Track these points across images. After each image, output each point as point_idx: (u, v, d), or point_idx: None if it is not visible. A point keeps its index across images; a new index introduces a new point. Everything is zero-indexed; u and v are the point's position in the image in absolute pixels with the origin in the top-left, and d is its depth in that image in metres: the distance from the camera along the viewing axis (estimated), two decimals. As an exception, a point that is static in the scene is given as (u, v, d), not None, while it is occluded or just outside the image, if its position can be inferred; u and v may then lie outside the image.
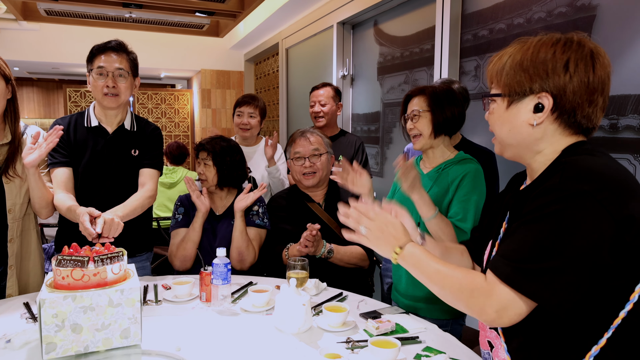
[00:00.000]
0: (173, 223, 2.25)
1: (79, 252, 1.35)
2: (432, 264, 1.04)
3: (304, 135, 2.22)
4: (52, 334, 1.26)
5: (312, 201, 2.21)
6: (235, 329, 1.52)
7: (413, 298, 1.76)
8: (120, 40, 2.01)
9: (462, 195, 1.66)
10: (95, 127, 2.02)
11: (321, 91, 2.85)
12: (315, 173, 2.17)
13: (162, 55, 6.69)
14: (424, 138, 1.72)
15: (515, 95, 1.00)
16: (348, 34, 3.85)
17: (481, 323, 1.15)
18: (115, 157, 2.02)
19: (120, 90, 1.96)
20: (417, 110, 1.72)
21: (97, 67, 1.94)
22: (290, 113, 5.15)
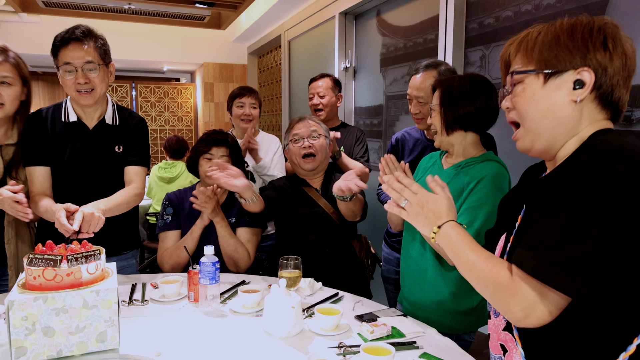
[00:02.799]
0: (161, 224, 2.12)
1: (52, 251, 1.27)
2: (465, 250, 0.99)
3: (302, 119, 2.16)
4: (21, 337, 1.18)
5: (309, 186, 2.12)
6: (221, 332, 1.43)
7: (415, 305, 1.63)
8: (84, 26, 1.80)
9: (474, 200, 1.48)
10: (74, 123, 1.88)
11: (319, 82, 2.75)
12: (314, 156, 2.06)
13: (164, 49, 6.61)
14: (438, 135, 1.59)
15: (554, 69, 0.91)
16: (350, 25, 3.74)
17: (492, 324, 1.05)
18: (97, 154, 1.88)
19: (94, 84, 1.80)
20: (434, 105, 1.58)
21: (64, 64, 1.76)
22: (292, 106, 5.05)
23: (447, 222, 1.06)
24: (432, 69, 1.99)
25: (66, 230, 1.49)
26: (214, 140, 2.11)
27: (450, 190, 1.54)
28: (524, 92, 0.95)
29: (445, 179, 1.58)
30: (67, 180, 1.86)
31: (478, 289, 0.96)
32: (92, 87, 1.80)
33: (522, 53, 0.95)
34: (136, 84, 7.75)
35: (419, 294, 1.60)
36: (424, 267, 1.59)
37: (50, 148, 1.84)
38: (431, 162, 1.73)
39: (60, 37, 1.78)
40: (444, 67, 2.00)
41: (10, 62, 1.78)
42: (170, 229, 2.09)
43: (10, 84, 1.78)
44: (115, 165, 1.92)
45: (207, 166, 2.07)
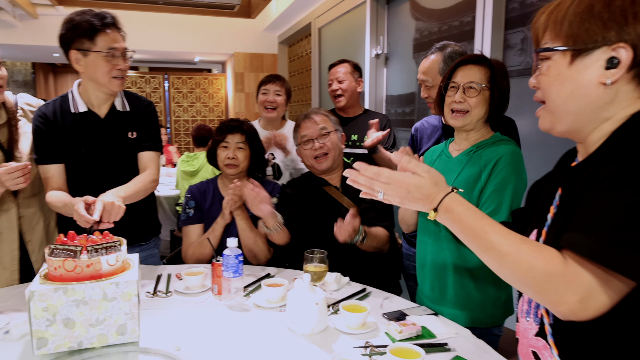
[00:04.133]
0: (184, 218, 2.08)
1: (73, 241, 1.25)
2: (488, 231, 0.84)
3: (308, 117, 2.04)
4: (42, 328, 1.17)
5: (328, 185, 2.04)
6: (243, 327, 1.39)
7: (439, 301, 1.56)
8: (110, 13, 1.78)
9: (496, 183, 1.40)
10: (85, 113, 1.84)
11: (338, 68, 2.65)
12: (327, 154, 1.98)
13: (195, 39, 6.63)
14: (472, 117, 1.46)
15: (583, 46, 0.80)
16: (382, 10, 3.62)
17: (522, 329, 0.96)
18: (112, 142, 1.86)
19: (125, 72, 1.81)
20: (476, 83, 1.45)
21: (110, 49, 1.73)
22: (322, 96, 4.98)
23: (442, 200, 0.91)
24: (438, 51, 1.94)
25: (86, 221, 1.47)
26: (228, 127, 2.06)
27: (465, 176, 1.47)
28: (549, 71, 0.85)
29: (457, 166, 1.51)
30: (83, 173, 1.85)
31: (515, 279, 0.81)
32: (125, 74, 1.81)
33: (551, 27, 0.84)
34: (169, 75, 7.84)
35: (443, 289, 1.52)
36: (443, 256, 1.51)
37: (63, 143, 1.81)
38: (437, 154, 1.63)
39: (97, 21, 1.73)
40: (450, 49, 1.92)
41: None
42: (192, 222, 2.06)
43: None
44: (130, 152, 1.89)
45: (224, 155, 2.03)
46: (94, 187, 1.72)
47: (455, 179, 1.48)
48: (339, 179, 2.05)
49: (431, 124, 2.06)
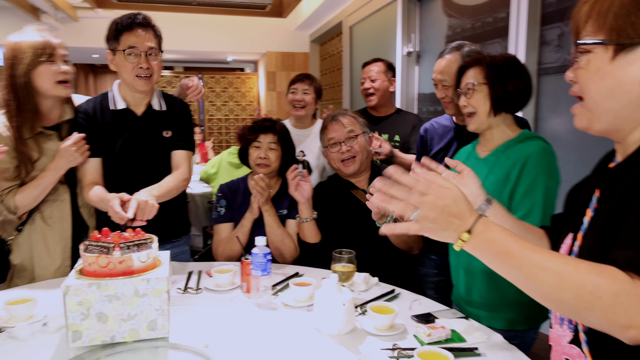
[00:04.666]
0: (215, 216, 2.11)
1: (106, 238, 1.28)
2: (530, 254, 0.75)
3: (335, 119, 2.03)
4: (77, 322, 1.20)
5: (356, 188, 2.02)
6: (271, 326, 1.39)
7: (476, 305, 1.53)
8: (143, 13, 1.83)
9: (527, 184, 1.37)
10: (123, 110, 1.89)
11: (372, 67, 2.64)
12: (354, 157, 1.97)
13: (228, 39, 6.72)
14: (480, 117, 1.47)
15: (628, 41, 0.75)
16: (414, 7, 3.58)
17: (555, 336, 0.92)
18: (147, 140, 1.90)
19: (153, 70, 1.82)
20: (472, 83, 1.47)
21: (129, 47, 1.77)
22: (354, 94, 4.96)
23: (477, 220, 0.81)
24: (455, 51, 1.91)
25: (120, 218, 1.51)
26: (260, 127, 2.07)
27: (494, 177, 1.44)
28: (588, 65, 0.81)
29: (485, 168, 1.48)
30: (118, 169, 1.89)
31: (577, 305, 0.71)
32: (151, 73, 1.82)
33: (594, 18, 0.79)
34: (202, 74, 7.97)
35: (478, 291, 1.49)
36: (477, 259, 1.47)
37: (101, 139, 1.85)
38: (465, 156, 1.60)
39: (124, 21, 1.79)
40: (467, 48, 1.90)
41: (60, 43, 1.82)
42: (223, 221, 2.08)
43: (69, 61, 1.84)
44: (164, 150, 1.93)
45: (255, 155, 2.04)
46: (127, 183, 1.77)
47: (484, 181, 1.45)
48: (366, 182, 2.04)
49: (442, 125, 2.02)
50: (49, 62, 1.75)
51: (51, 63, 1.76)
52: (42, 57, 1.74)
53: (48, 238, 1.84)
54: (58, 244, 1.85)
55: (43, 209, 1.83)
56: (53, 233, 1.84)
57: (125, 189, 1.64)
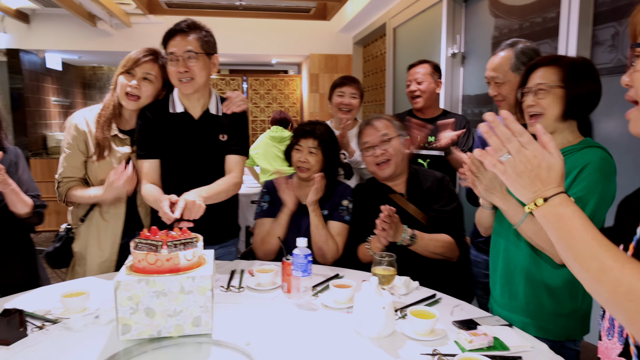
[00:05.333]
0: (258, 210, 2.18)
1: (155, 236, 1.34)
2: (589, 244, 0.75)
3: (369, 123, 2.04)
4: (127, 315, 1.26)
5: (394, 192, 2.01)
6: (311, 326, 1.41)
7: (508, 308, 1.49)
8: (191, 20, 1.89)
9: (580, 189, 1.31)
10: (181, 114, 1.95)
11: (418, 68, 2.62)
12: (389, 160, 1.97)
13: (272, 42, 6.82)
14: (547, 119, 1.39)
15: None
16: (459, 8, 3.51)
17: (603, 348, 0.89)
18: (203, 143, 1.95)
19: (194, 73, 1.85)
20: (545, 84, 1.39)
21: (169, 54, 1.85)
22: (396, 96, 4.92)
23: (558, 194, 0.81)
24: (509, 48, 1.87)
25: (168, 218, 1.57)
26: (301, 132, 2.11)
27: None
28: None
29: None
30: (174, 170, 1.95)
31: (607, 300, 0.74)
32: (192, 76, 1.85)
33: None
34: (247, 77, 8.13)
35: (513, 295, 1.45)
36: (516, 261, 1.44)
37: (159, 141, 1.93)
38: None
39: (168, 30, 1.88)
40: (522, 45, 1.85)
41: (157, 63, 1.95)
42: (266, 216, 2.14)
43: (152, 81, 1.94)
44: (219, 154, 1.98)
45: (296, 157, 2.09)
46: (182, 184, 1.82)
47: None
48: (404, 185, 2.03)
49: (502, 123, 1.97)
50: (127, 74, 1.93)
51: (128, 75, 1.93)
52: (123, 69, 1.93)
53: (101, 232, 1.95)
54: (109, 239, 1.95)
55: (103, 204, 1.95)
56: (106, 228, 1.95)
57: (180, 190, 1.70)
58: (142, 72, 1.92)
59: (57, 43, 6.67)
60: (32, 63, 7.06)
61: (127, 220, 1.98)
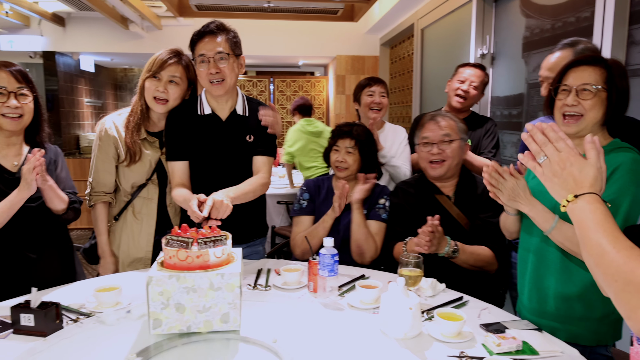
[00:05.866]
0: (296, 208, 2.21)
1: (185, 234, 1.37)
2: (597, 234, 0.84)
3: (434, 119, 1.99)
4: (158, 310, 1.29)
5: (440, 193, 1.99)
6: (337, 326, 1.42)
7: (537, 313, 1.47)
8: (218, 21, 1.89)
9: (612, 192, 1.28)
10: (209, 115, 1.96)
11: (478, 71, 2.58)
12: (443, 161, 1.93)
13: (299, 43, 6.87)
14: (586, 121, 1.35)
15: None
16: (490, 8, 3.47)
17: (634, 353, 0.88)
18: (231, 144, 1.97)
19: (225, 74, 1.86)
20: (591, 85, 1.34)
21: (199, 55, 1.86)
22: (424, 97, 4.88)
23: (588, 193, 0.89)
24: (568, 47, 1.80)
25: (196, 217, 1.60)
26: (339, 132, 2.14)
27: None
28: None
29: None
30: (203, 171, 1.98)
31: (602, 282, 0.83)
32: (223, 77, 1.87)
33: None
34: (274, 78, 8.19)
35: (542, 298, 1.43)
36: (546, 265, 1.41)
37: (188, 142, 1.95)
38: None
39: (196, 32, 1.90)
40: (582, 46, 1.78)
41: (181, 64, 1.97)
42: (304, 213, 2.16)
43: (178, 83, 1.97)
44: (246, 154, 1.99)
45: (334, 158, 2.13)
46: (210, 184, 1.85)
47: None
48: (452, 188, 2.00)
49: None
50: (153, 79, 1.94)
51: (155, 80, 1.94)
52: (149, 73, 1.94)
53: (134, 230, 2.00)
54: (143, 237, 2.00)
55: (135, 204, 2.01)
56: (140, 227, 2.00)
57: (209, 191, 1.72)
58: (168, 75, 1.94)
59: (91, 45, 6.87)
60: (67, 65, 7.29)
61: (158, 220, 2.02)
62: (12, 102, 1.71)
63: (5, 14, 5.84)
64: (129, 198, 2.01)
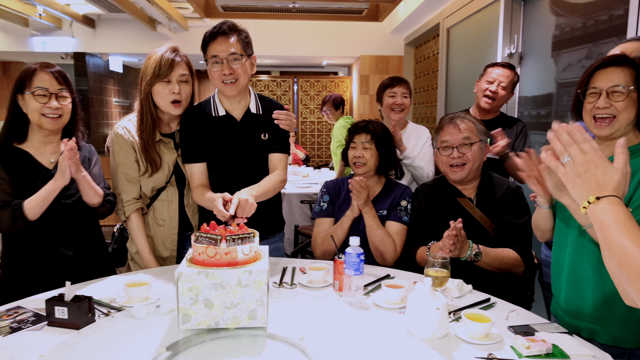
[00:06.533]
0: (317, 210, 2.22)
1: (214, 231, 1.39)
2: (620, 235, 0.86)
3: (452, 121, 1.96)
4: (187, 306, 1.32)
5: (462, 196, 1.97)
6: (363, 325, 1.42)
7: (575, 315, 1.44)
8: (229, 21, 1.88)
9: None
10: (224, 116, 1.98)
11: (507, 72, 2.55)
12: (464, 165, 1.90)
13: (323, 43, 6.88)
14: (620, 122, 1.33)
15: None
16: (518, 6, 3.41)
17: None
18: (246, 143, 1.99)
19: (238, 74, 1.87)
20: (623, 86, 1.31)
21: (212, 57, 1.86)
22: (449, 98, 4.83)
23: (610, 196, 0.89)
24: (636, 41, 1.74)
25: (222, 215, 1.62)
26: (354, 128, 2.15)
27: None
28: None
29: None
30: (220, 170, 2.00)
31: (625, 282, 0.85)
32: (236, 77, 1.88)
33: None
34: (298, 78, 8.22)
35: (579, 299, 1.39)
36: (584, 261, 1.38)
37: (205, 144, 1.96)
38: None
39: (208, 32, 1.89)
40: None
41: (184, 61, 1.96)
42: (324, 215, 2.17)
43: (187, 81, 1.97)
44: (261, 152, 2.01)
45: (352, 154, 2.12)
46: (228, 183, 1.88)
47: None
48: (474, 190, 1.98)
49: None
50: (164, 82, 1.90)
51: (166, 83, 1.90)
52: (158, 77, 1.89)
53: (157, 233, 2.02)
54: (167, 239, 2.02)
55: (156, 207, 2.01)
56: (162, 230, 2.02)
57: (226, 190, 1.74)
58: (177, 76, 1.91)
59: (120, 46, 7.02)
60: (96, 66, 7.47)
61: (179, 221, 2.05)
62: (53, 103, 1.76)
63: (38, 17, 6.02)
64: (148, 202, 2.02)
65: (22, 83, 1.77)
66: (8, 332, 1.34)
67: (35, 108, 1.75)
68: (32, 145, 1.83)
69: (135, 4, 5.49)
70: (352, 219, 2.05)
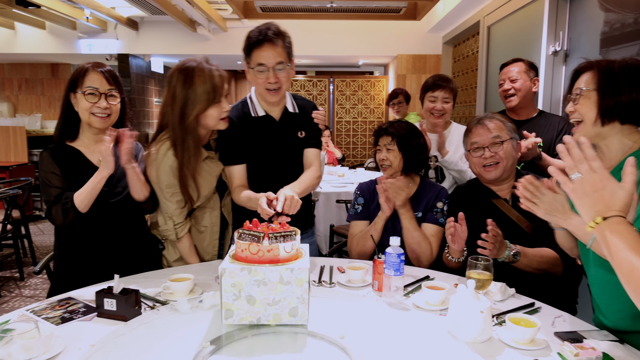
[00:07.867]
0: (352, 212, 2.23)
1: (257, 228, 1.41)
2: (626, 253, 0.87)
3: (480, 122, 1.94)
4: (230, 301, 1.34)
5: (497, 197, 1.93)
6: (403, 325, 1.41)
7: (616, 320, 1.38)
8: (274, 26, 1.86)
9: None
10: (263, 117, 2.00)
11: (511, 67, 2.49)
12: (498, 164, 1.88)
13: (360, 43, 6.86)
14: (586, 125, 1.33)
15: None
16: (564, 3, 3.30)
17: None
18: (285, 142, 2.01)
19: (282, 82, 1.90)
20: (580, 89, 1.35)
21: (258, 65, 1.85)
22: (489, 97, 4.73)
23: (616, 216, 0.91)
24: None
25: (267, 214, 1.64)
26: (377, 132, 2.14)
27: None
28: None
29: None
30: (260, 170, 2.02)
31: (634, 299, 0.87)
32: (280, 85, 1.91)
33: None
34: (334, 78, 8.23)
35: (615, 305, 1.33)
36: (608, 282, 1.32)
37: (245, 146, 1.98)
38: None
39: (254, 37, 1.85)
40: None
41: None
42: (359, 218, 2.17)
43: (229, 94, 1.98)
44: (299, 150, 2.05)
45: (378, 157, 2.13)
46: (268, 182, 1.90)
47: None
48: (508, 191, 1.94)
49: None
50: (216, 104, 1.85)
51: (218, 104, 1.85)
52: (213, 102, 1.83)
53: (198, 240, 2.02)
54: (209, 244, 2.05)
55: (197, 215, 2.00)
56: (204, 236, 2.03)
57: (266, 188, 1.75)
58: (225, 93, 1.88)
59: (161, 48, 7.21)
60: (139, 67, 7.70)
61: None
62: (102, 103, 1.82)
63: (86, 20, 6.25)
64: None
65: (75, 82, 1.83)
66: (59, 322, 1.40)
67: (85, 107, 1.82)
68: (83, 143, 1.90)
69: (177, 5, 5.63)
70: (384, 219, 2.04)
